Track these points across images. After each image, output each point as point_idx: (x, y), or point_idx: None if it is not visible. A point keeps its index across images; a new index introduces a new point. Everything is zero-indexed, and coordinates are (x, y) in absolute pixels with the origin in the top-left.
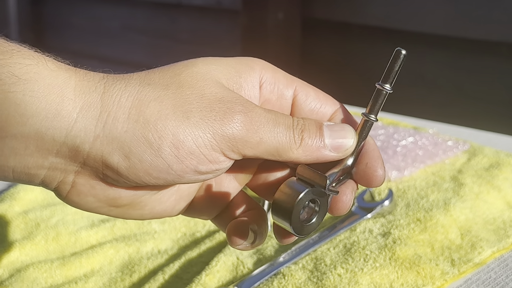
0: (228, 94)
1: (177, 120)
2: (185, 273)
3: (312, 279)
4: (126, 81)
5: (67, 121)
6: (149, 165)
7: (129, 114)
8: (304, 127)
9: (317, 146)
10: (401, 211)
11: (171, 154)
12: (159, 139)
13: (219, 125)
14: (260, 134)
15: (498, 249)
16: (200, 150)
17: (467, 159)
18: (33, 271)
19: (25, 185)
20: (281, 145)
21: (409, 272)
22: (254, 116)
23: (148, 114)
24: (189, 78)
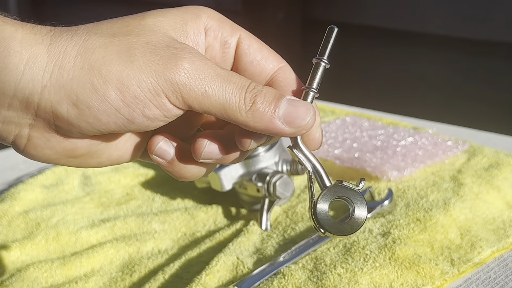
0: (175, 43)
1: (121, 64)
2: (185, 272)
3: (312, 279)
4: (73, 32)
5: (15, 74)
6: (97, 111)
7: (74, 62)
8: (259, 93)
9: (269, 115)
10: (401, 211)
11: (116, 98)
12: (104, 84)
13: (162, 69)
14: (205, 86)
15: (497, 249)
16: (145, 94)
17: (466, 159)
18: (34, 271)
19: (25, 186)
20: (228, 104)
21: (409, 271)
22: (201, 66)
23: (93, 60)
24: (136, 28)
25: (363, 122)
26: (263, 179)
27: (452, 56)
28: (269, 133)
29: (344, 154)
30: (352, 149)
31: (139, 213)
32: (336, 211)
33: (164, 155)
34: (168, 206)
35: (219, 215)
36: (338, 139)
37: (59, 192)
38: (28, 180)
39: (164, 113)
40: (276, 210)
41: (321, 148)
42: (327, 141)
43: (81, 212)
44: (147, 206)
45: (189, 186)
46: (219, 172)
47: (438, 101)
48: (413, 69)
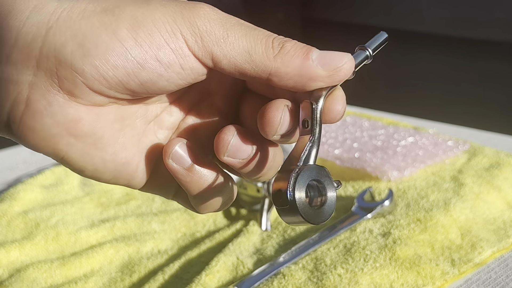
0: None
1: (136, 5)
2: (185, 273)
3: (312, 279)
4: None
5: (19, 20)
6: (105, 49)
7: (86, 6)
8: (288, 40)
9: (301, 56)
10: (401, 211)
11: (128, 35)
12: (116, 21)
13: (181, 9)
14: (227, 31)
15: (498, 249)
16: (160, 33)
17: (467, 159)
18: (33, 271)
19: (25, 186)
20: (253, 49)
21: (409, 272)
22: (222, 13)
23: (105, 3)
24: None
25: (363, 122)
26: None
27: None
28: (302, 78)
29: (344, 154)
30: (352, 149)
31: (138, 213)
32: (337, 211)
33: (181, 161)
34: (168, 206)
35: (219, 216)
36: (338, 139)
37: (58, 192)
38: (28, 180)
39: (180, 61)
40: (276, 210)
41: (321, 148)
42: (327, 141)
43: (80, 212)
44: (147, 206)
45: None
46: None
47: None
48: (414, 69)
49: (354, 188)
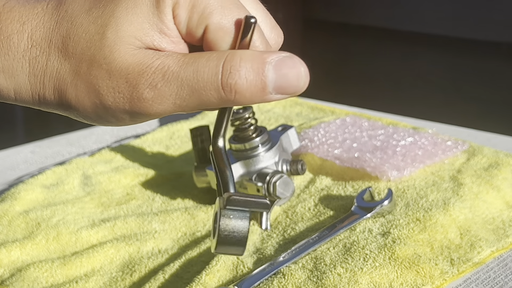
0: (135, 65)
1: (92, 105)
2: (185, 272)
3: (312, 279)
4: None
5: (10, 101)
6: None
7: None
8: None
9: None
10: (400, 211)
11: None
12: (83, 118)
13: (130, 107)
14: (176, 101)
15: (497, 248)
16: (121, 124)
17: (466, 159)
18: (34, 271)
19: (26, 185)
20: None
21: (409, 271)
22: (163, 86)
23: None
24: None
25: (363, 122)
26: (263, 179)
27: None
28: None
29: (344, 154)
30: (352, 149)
31: (139, 213)
32: (336, 211)
33: None
34: (168, 206)
35: None
36: (338, 139)
37: (59, 192)
38: (29, 180)
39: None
40: (276, 210)
41: (321, 148)
42: (327, 141)
43: (81, 212)
44: (147, 206)
45: (189, 186)
46: None
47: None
48: (413, 69)
49: (353, 188)
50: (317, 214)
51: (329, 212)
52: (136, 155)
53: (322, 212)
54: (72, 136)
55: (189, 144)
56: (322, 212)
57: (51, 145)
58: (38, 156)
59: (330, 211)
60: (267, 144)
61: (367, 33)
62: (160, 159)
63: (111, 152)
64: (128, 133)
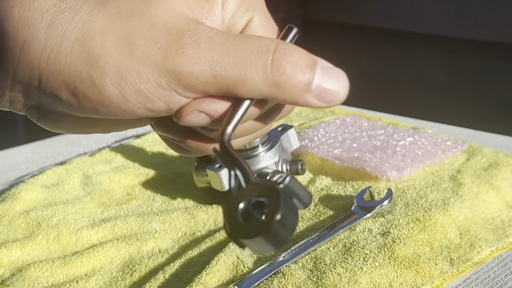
0: (180, 24)
1: (119, 54)
2: (185, 272)
3: (312, 278)
4: (77, 9)
5: (11, 59)
6: (95, 102)
7: (72, 48)
8: (289, 57)
9: (301, 86)
10: (400, 211)
11: (114, 91)
12: (101, 75)
13: (163, 59)
14: (215, 67)
15: (497, 248)
16: (146, 88)
17: (466, 159)
18: (34, 271)
19: (26, 185)
20: (247, 77)
21: (408, 271)
22: (208, 45)
23: (91, 48)
24: (142, 4)
25: (363, 122)
26: (263, 179)
27: (452, 56)
28: (294, 104)
29: (344, 154)
30: (352, 149)
31: (139, 213)
32: (336, 211)
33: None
34: (169, 206)
35: (219, 215)
36: (338, 139)
37: (59, 192)
38: (29, 180)
39: (172, 106)
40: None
41: (321, 148)
42: (327, 141)
43: (81, 212)
44: (148, 206)
45: (190, 186)
46: (219, 172)
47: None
48: (413, 69)
49: (353, 187)
50: (317, 214)
51: (329, 212)
52: (137, 155)
53: (322, 212)
54: (73, 136)
55: None
56: (322, 212)
57: (51, 145)
58: (39, 156)
59: (330, 211)
60: (267, 144)
61: (367, 33)
62: (160, 159)
63: (111, 152)
64: (128, 133)
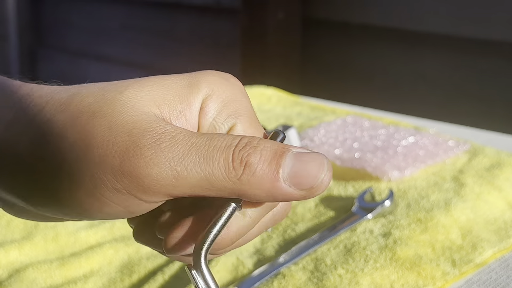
0: (143, 124)
1: (74, 157)
2: (184, 273)
3: (313, 280)
4: (41, 108)
5: None
6: (51, 204)
7: (29, 152)
8: (253, 150)
9: (270, 177)
10: (401, 211)
11: (68, 194)
12: (52, 180)
13: (119, 163)
14: (176, 167)
15: (499, 249)
16: (101, 193)
17: (468, 159)
18: (32, 272)
19: None
20: (212, 176)
21: (410, 272)
22: (169, 145)
23: (45, 151)
24: (106, 105)
25: (364, 122)
26: None
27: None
28: (273, 200)
29: (345, 154)
30: (353, 149)
31: None
32: (337, 212)
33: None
34: None
35: None
36: (339, 139)
37: None
38: None
39: (132, 210)
40: None
41: (321, 148)
42: (328, 141)
43: None
44: None
45: None
46: None
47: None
48: (414, 68)
49: (354, 188)
50: (318, 215)
51: (329, 213)
52: None
53: (322, 213)
54: None
55: None
56: (323, 213)
57: None
58: None
59: (330, 211)
60: None
61: (367, 32)
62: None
63: None
64: None
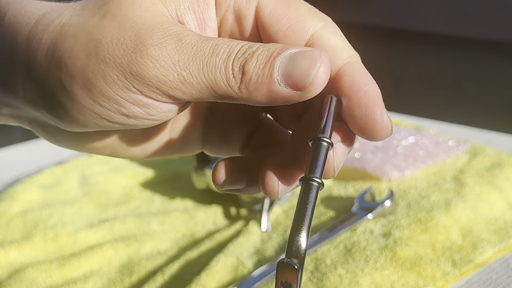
0: (151, 24)
1: (86, 57)
2: (184, 273)
3: (313, 280)
4: (60, 13)
5: (3, 68)
6: (72, 110)
7: (46, 55)
8: (250, 56)
9: (265, 81)
10: (402, 212)
11: (85, 96)
12: (70, 79)
13: (127, 62)
14: (181, 71)
15: (499, 249)
16: (114, 91)
17: (468, 159)
18: (32, 272)
19: (23, 186)
20: (215, 83)
21: (410, 272)
22: (175, 48)
23: (61, 53)
24: (115, 6)
25: None
26: None
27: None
28: (276, 103)
29: None
30: (353, 149)
31: (138, 213)
32: (337, 212)
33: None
34: (168, 207)
35: (218, 216)
36: None
37: (57, 192)
38: (26, 180)
39: (148, 111)
40: (276, 210)
41: None
42: None
43: (79, 213)
44: (146, 206)
45: (189, 186)
46: None
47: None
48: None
49: (354, 188)
50: (318, 215)
51: (329, 213)
52: None
53: (322, 213)
54: None
55: None
56: (323, 213)
57: (49, 144)
58: (36, 156)
59: (330, 211)
60: None
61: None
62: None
63: None
64: None
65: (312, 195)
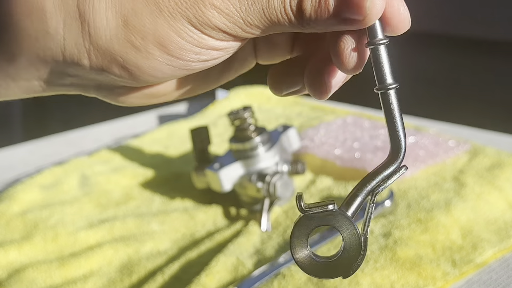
0: None
1: (151, 15)
2: (184, 273)
3: (313, 280)
4: None
5: (58, 40)
6: (148, 69)
7: (106, 20)
8: None
9: (323, 18)
10: (402, 212)
11: (163, 54)
12: (143, 40)
13: (193, 14)
14: (247, 18)
15: (499, 249)
16: (190, 42)
17: (468, 159)
18: (32, 272)
19: (23, 186)
20: (275, 18)
21: (410, 272)
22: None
23: (124, 15)
24: None
25: (364, 122)
26: (263, 179)
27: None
28: (337, 29)
29: (345, 154)
30: (353, 149)
31: (138, 213)
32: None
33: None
34: (167, 207)
35: (218, 216)
36: (339, 139)
37: (57, 192)
38: (26, 181)
39: (224, 51)
40: (276, 210)
41: (321, 148)
42: (328, 141)
43: (79, 213)
44: (146, 206)
45: (189, 186)
46: (219, 173)
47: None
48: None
49: None
50: None
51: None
52: (135, 155)
53: None
54: (71, 136)
55: (188, 144)
56: None
57: (49, 144)
58: (36, 156)
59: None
60: (267, 144)
61: None
62: (159, 159)
63: (109, 152)
64: (127, 133)
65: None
